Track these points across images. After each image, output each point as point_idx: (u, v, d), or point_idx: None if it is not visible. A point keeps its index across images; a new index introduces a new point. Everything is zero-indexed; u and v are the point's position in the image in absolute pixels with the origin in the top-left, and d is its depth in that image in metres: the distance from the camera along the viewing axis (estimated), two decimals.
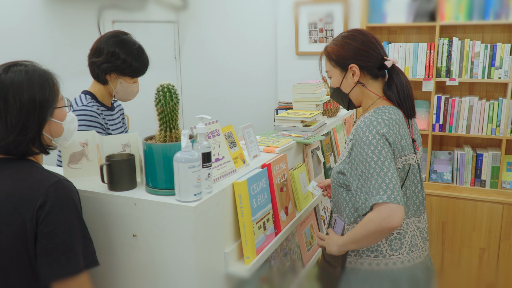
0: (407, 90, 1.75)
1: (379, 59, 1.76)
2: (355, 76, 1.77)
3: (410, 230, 1.74)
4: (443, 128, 3.53)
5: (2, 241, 1.31)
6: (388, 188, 1.53)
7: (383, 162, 1.57)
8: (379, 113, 1.68)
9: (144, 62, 2.25)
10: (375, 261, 1.72)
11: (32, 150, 1.41)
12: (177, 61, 4.76)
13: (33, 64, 1.44)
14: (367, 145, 1.60)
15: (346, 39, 1.78)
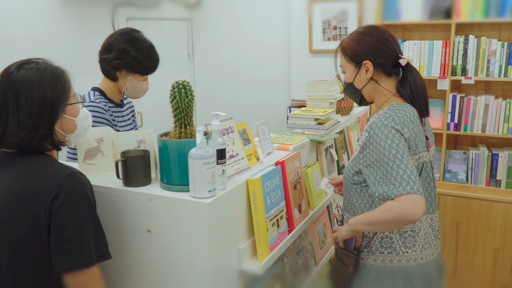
0: (421, 89, 1.74)
1: (394, 57, 1.76)
2: (368, 73, 1.76)
3: (423, 228, 1.74)
4: (458, 127, 3.50)
5: (16, 233, 1.33)
6: (411, 179, 1.50)
7: (401, 155, 1.55)
8: (393, 110, 1.67)
9: (155, 60, 2.24)
10: (388, 257, 1.72)
11: (45, 146, 1.42)
12: (190, 58, 4.77)
13: (45, 61, 1.45)
14: (383, 140, 1.59)
15: (362, 35, 1.78)
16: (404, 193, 1.49)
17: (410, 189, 1.49)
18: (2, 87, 1.37)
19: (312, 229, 2.21)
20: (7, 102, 1.35)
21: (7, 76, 1.37)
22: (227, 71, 4.70)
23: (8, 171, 1.39)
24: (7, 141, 1.38)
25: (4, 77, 1.38)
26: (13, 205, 1.33)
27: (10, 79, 1.36)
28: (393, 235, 1.71)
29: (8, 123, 1.36)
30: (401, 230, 1.70)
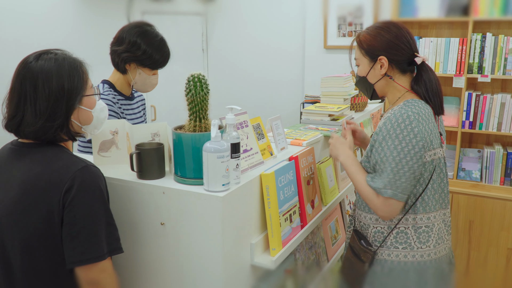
0: (436, 87, 1.74)
1: (409, 54, 1.75)
2: (383, 68, 1.76)
3: (437, 223, 1.75)
4: (473, 125, 3.46)
5: (30, 224, 1.34)
6: (396, 185, 1.62)
7: (401, 158, 1.62)
8: (409, 105, 1.68)
9: (165, 55, 2.23)
10: (402, 253, 1.73)
11: (60, 137, 1.43)
12: (204, 53, 4.78)
13: (64, 52, 1.46)
14: (392, 139, 1.63)
15: (380, 30, 1.77)
16: (385, 196, 1.63)
17: (392, 193, 1.62)
18: (20, 76, 1.38)
19: (324, 225, 2.21)
20: (25, 91, 1.36)
21: (25, 65, 1.39)
22: (240, 66, 4.69)
23: (24, 162, 1.40)
24: (23, 130, 1.39)
25: (23, 66, 1.39)
26: (27, 196, 1.35)
27: (29, 68, 1.37)
28: (408, 230, 1.72)
29: (26, 112, 1.37)
30: (416, 226, 1.72)
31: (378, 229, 1.77)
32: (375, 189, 1.65)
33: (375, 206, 1.67)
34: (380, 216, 1.69)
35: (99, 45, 2.97)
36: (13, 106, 1.39)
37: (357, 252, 1.79)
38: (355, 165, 1.77)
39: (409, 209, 1.71)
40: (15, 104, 1.38)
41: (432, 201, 1.72)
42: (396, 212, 1.66)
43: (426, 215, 1.72)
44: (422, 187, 1.70)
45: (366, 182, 1.69)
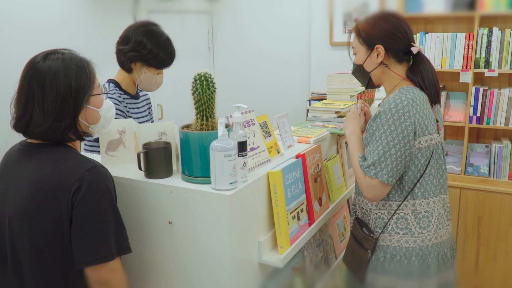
0: (431, 76, 1.79)
1: (406, 44, 1.79)
2: (379, 57, 1.80)
3: (437, 208, 1.78)
4: (480, 120, 3.44)
5: (39, 225, 1.35)
6: (381, 166, 1.66)
7: (388, 141, 1.65)
8: (403, 92, 1.72)
9: (170, 54, 2.23)
10: (403, 238, 1.75)
11: (68, 137, 1.44)
12: (210, 51, 4.78)
13: (71, 52, 1.46)
14: (382, 122, 1.68)
15: (379, 19, 1.80)
16: (369, 176, 1.68)
17: (374, 174, 1.67)
18: (28, 77, 1.38)
19: (332, 222, 2.21)
20: (33, 92, 1.37)
21: (33, 65, 1.39)
22: (246, 64, 4.69)
23: (32, 163, 1.41)
24: (32, 130, 1.39)
25: (31, 66, 1.39)
26: (36, 197, 1.35)
27: (36, 68, 1.38)
28: (408, 216, 1.75)
29: (34, 112, 1.37)
30: (416, 211, 1.74)
31: (379, 215, 1.79)
32: (361, 167, 1.71)
33: (362, 186, 1.72)
34: (366, 197, 1.73)
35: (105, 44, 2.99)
36: (21, 106, 1.39)
37: (359, 240, 1.81)
38: (357, 142, 1.82)
39: (407, 194, 1.74)
40: (23, 104, 1.39)
41: (430, 187, 1.75)
42: (382, 195, 1.70)
43: (425, 201, 1.75)
44: (420, 172, 1.73)
45: (358, 160, 1.74)
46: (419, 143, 1.69)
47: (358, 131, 1.86)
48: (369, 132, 1.73)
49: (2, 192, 1.43)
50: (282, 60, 4.51)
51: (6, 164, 1.48)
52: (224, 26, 4.72)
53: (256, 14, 4.55)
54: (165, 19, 4.09)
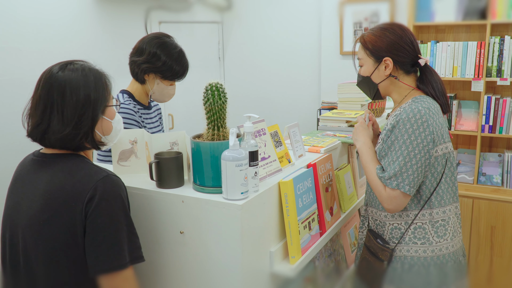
0: (441, 87, 1.80)
1: (413, 56, 1.79)
2: (387, 69, 1.80)
3: (452, 216, 1.78)
4: (493, 129, 3.42)
5: (53, 234, 1.35)
6: (402, 176, 1.65)
7: (409, 151, 1.65)
8: (418, 101, 1.72)
9: (184, 66, 2.25)
10: (421, 248, 1.75)
11: (84, 145, 1.45)
12: (221, 61, 4.80)
13: (88, 63, 1.49)
14: (401, 133, 1.67)
15: (385, 31, 1.80)
16: (390, 187, 1.67)
17: (396, 185, 1.66)
18: (47, 85, 1.40)
19: (343, 232, 2.20)
20: (52, 100, 1.38)
21: (52, 75, 1.41)
22: (257, 74, 4.71)
23: (46, 173, 1.42)
24: (49, 138, 1.40)
25: (50, 75, 1.41)
26: (50, 206, 1.36)
27: (56, 78, 1.40)
28: (425, 225, 1.74)
29: (52, 120, 1.39)
30: (433, 220, 1.74)
31: (395, 225, 1.79)
32: (381, 179, 1.69)
33: (381, 197, 1.70)
34: (386, 208, 1.71)
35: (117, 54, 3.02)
36: (38, 114, 1.40)
37: (374, 251, 1.80)
38: (370, 154, 1.80)
39: (424, 204, 1.74)
40: (40, 112, 1.40)
41: (446, 195, 1.75)
42: (403, 205, 1.69)
43: (441, 209, 1.75)
44: (437, 181, 1.73)
45: (376, 172, 1.72)
46: (436, 151, 1.69)
47: (369, 142, 1.85)
48: (387, 143, 1.72)
49: (16, 203, 1.45)
50: (292, 69, 4.52)
51: (19, 175, 1.50)
52: (235, 36, 4.74)
53: (266, 24, 4.57)
54: (176, 29, 4.12)
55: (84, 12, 3.33)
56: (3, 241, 1.49)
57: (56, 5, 3.11)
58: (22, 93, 1.62)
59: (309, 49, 4.39)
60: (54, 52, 3.05)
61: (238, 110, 2.12)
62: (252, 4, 4.61)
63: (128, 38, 2.38)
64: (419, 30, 3.69)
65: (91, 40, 3.39)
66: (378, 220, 1.85)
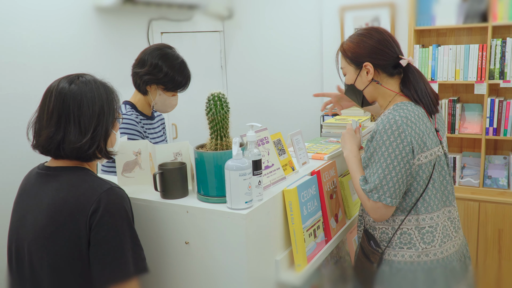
0: (424, 87, 1.78)
1: (394, 58, 1.78)
2: (369, 74, 1.80)
3: (441, 222, 1.76)
4: (497, 131, 3.41)
5: (58, 247, 1.36)
6: (383, 189, 1.66)
7: (387, 164, 1.65)
8: (397, 109, 1.71)
9: (186, 77, 2.27)
10: (408, 253, 1.75)
11: (97, 156, 1.47)
12: (223, 69, 4.81)
13: (95, 77, 1.51)
14: (379, 145, 1.67)
15: (362, 36, 1.80)
16: (372, 199, 1.68)
17: (378, 198, 1.67)
18: (61, 97, 1.40)
19: (349, 239, 2.19)
20: (68, 111, 1.40)
21: (64, 87, 1.42)
22: (259, 81, 4.71)
23: (51, 186, 1.42)
24: (64, 148, 1.41)
25: (62, 88, 1.42)
26: (55, 219, 1.37)
27: (70, 90, 1.41)
28: (411, 231, 1.74)
29: (67, 131, 1.40)
30: (419, 227, 1.73)
31: (383, 229, 1.80)
32: (364, 191, 1.71)
33: (366, 208, 1.73)
34: (372, 218, 1.74)
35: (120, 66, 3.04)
36: (52, 125, 1.40)
37: (366, 253, 1.80)
38: (356, 162, 1.82)
39: (410, 210, 1.73)
40: (54, 124, 1.40)
41: (434, 201, 1.74)
42: (387, 215, 1.71)
43: (428, 215, 1.74)
44: (422, 188, 1.72)
45: (359, 183, 1.73)
46: (418, 160, 1.68)
47: (355, 151, 1.86)
48: (367, 154, 1.73)
49: (21, 216, 1.45)
50: (294, 76, 4.53)
51: (24, 188, 1.50)
52: (236, 44, 4.76)
53: (268, 31, 4.58)
54: (178, 39, 4.14)
55: (87, 24, 3.35)
56: (10, 255, 1.50)
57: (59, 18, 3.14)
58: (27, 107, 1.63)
59: (311, 56, 4.40)
60: (58, 65, 3.07)
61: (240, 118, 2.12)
62: (253, 12, 4.63)
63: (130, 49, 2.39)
64: (420, 34, 3.69)
65: (94, 52, 3.41)
66: (368, 224, 1.87)
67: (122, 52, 3.54)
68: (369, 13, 3.97)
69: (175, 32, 4.16)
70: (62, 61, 3.12)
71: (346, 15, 4.06)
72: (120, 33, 3.62)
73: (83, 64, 3.22)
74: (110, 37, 3.53)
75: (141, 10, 3.77)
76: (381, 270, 1.77)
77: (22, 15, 2.91)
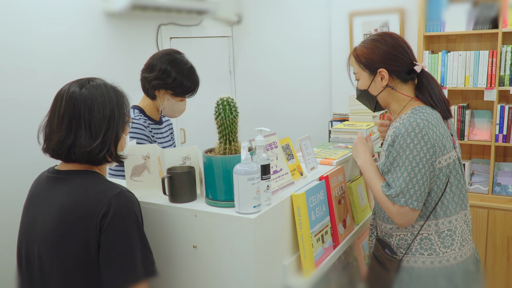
0: (439, 93, 1.78)
1: (408, 63, 1.78)
2: (383, 80, 1.79)
3: (459, 226, 1.76)
4: (507, 138, 3.39)
5: (68, 249, 1.37)
6: (409, 193, 1.64)
7: (413, 167, 1.64)
8: (417, 113, 1.70)
9: (195, 82, 2.28)
10: (429, 259, 1.73)
11: (107, 159, 1.47)
12: (231, 75, 4.83)
13: (106, 81, 1.52)
14: (403, 148, 1.66)
15: (376, 42, 1.79)
16: (398, 204, 1.65)
17: (404, 202, 1.64)
18: (71, 101, 1.41)
19: (357, 244, 2.18)
20: (79, 115, 1.40)
21: (74, 92, 1.43)
22: (268, 87, 4.72)
23: (61, 189, 1.43)
24: (75, 152, 1.41)
25: (72, 92, 1.43)
26: (65, 222, 1.37)
27: (81, 94, 1.42)
28: (431, 236, 1.73)
29: (78, 135, 1.40)
30: (439, 231, 1.73)
31: (402, 236, 1.78)
32: (388, 196, 1.67)
33: (391, 214, 1.69)
34: (397, 223, 1.70)
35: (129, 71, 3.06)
36: (63, 129, 1.41)
37: (382, 261, 1.79)
38: (373, 170, 1.79)
39: (429, 215, 1.72)
40: (65, 128, 1.41)
41: (452, 204, 1.73)
42: (413, 220, 1.68)
43: (447, 219, 1.73)
44: (441, 191, 1.71)
45: (382, 190, 1.71)
46: (439, 163, 1.68)
47: (370, 159, 1.84)
48: (389, 159, 1.71)
49: (32, 219, 1.46)
50: (303, 82, 4.53)
51: (35, 191, 1.51)
52: (245, 50, 4.77)
53: (276, 37, 4.60)
54: (187, 44, 4.16)
55: (97, 29, 3.38)
56: (19, 257, 1.51)
57: (69, 23, 3.16)
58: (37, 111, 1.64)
59: (320, 61, 4.40)
60: (68, 70, 3.10)
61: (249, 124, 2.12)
62: (262, 18, 4.64)
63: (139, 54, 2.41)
64: (430, 40, 3.68)
65: (104, 56, 3.43)
66: (383, 232, 1.85)
67: (131, 57, 3.56)
68: (379, 19, 3.96)
69: (184, 37, 4.18)
70: (72, 66, 3.15)
71: (355, 21, 4.06)
72: (130, 38, 3.64)
73: (92, 68, 3.25)
74: (120, 42, 3.55)
75: (151, 15, 3.79)
76: (400, 278, 1.75)
77: (32, 20, 2.94)
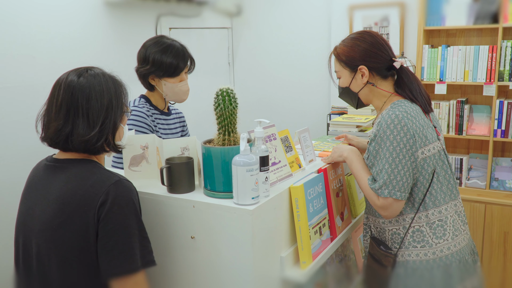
0: (418, 88, 1.81)
1: (387, 60, 1.81)
2: (364, 77, 1.82)
3: (450, 215, 1.77)
4: (505, 134, 3.39)
5: (66, 239, 1.36)
6: (391, 184, 1.65)
7: (393, 158, 1.66)
8: (396, 107, 1.73)
9: (178, 57, 2.19)
10: (422, 251, 1.75)
11: (105, 149, 1.47)
12: (230, 66, 4.81)
13: (104, 70, 1.51)
14: (383, 141, 1.68)
15: (356, 40, 1.83)
16: (382, 196, 1.67)
17: (388, 193, 1.66)
18: (69, 90, 1.41)
19: (354, 237, 2.19)
20: (76, 104, 1.40)
21: (72, 80, 1.42)
22: (267, 79, 4.71)
23: (59, 178, 1.43)
24: (73, 141, 1.41)
25: (70, 81, 1.42)
26: (63, 211, 1.37)
27: (79, 83, 1.42)
28: (423, 228, 1.74)
29: (76, 124, 1.40)
30: (430, 222, 1.74)
31: (394, 230, 1.79)
32: (373, 189, 1.70)
33: (376, 206, 1.71)
34: (382, 216, 1.73)
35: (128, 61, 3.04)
36: (61, 118, 1.41)
37: (377, 258, 1.80)
38: (360, 161, 1.80)
39: (419, 206, 1.74)
40: (63, 116, 1.40)
41: (440, 194, 1.75)
42: (397, 211, 1.70)
43: (437, 209, 1.74)
44: (428, 182, 1.73)
45: (368, 183, 1.73)
46: (422, 153, 1.70)
47: (356, 150, 1.85)
48: (372, 154, 1.73)
49: (29, 208, 1.46)
50: (302, 74, 4.53)
51: (33, 180, 1.51)
52: (244, 41, 4.75)
53: (276, 29, 4.58)
54: (186, 35, 4.14)
55: (96, 19, 3.36)
56: (17, 246, 1.51)
57: (68, 12, 3.14)
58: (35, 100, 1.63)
59: (319, 54, 4.39)
60: (66, 59, 3.08)
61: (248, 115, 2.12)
62: (262, 10, 4.62)
63: (138, 44, 2.39)
64: (430, 35, 3.67)
65: (103, 46, 3.41)
66: (378, 228, 1.86)
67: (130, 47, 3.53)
68: (379, 13, 3.95)
69: (183, 28, 4.16)
70: (70, 55, 3.13)
71: (355, 14, 4.05)
72: (129, 27, 3.62)
73: (91, 58, 3.22)
74: (119, 31, 3.53)
75: (150, 5, 3.77)
76: (396, 273, 1.77)
77: (31, 9, 2.92)
